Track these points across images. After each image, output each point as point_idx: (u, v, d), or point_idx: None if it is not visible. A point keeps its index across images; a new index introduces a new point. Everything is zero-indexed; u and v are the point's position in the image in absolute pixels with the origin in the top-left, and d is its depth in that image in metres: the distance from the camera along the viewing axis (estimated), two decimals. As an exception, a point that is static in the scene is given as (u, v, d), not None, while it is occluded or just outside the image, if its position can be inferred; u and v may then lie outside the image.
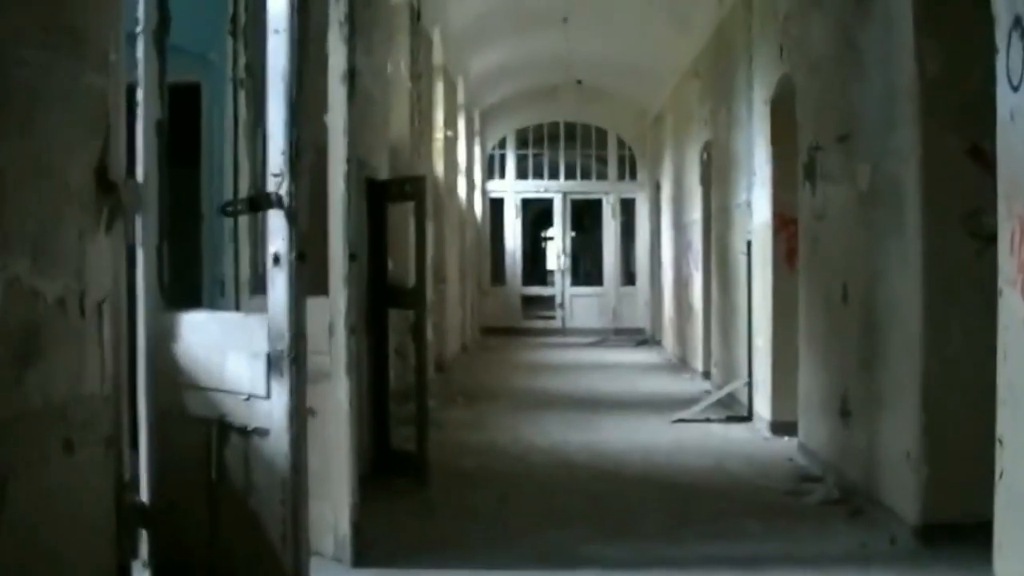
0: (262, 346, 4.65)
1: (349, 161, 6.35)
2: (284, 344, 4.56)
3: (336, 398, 6.41)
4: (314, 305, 6.58)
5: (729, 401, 13.40)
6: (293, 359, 4.57)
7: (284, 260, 4.46)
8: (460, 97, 21.78)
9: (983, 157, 6.63)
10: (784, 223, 11.27)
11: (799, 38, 10.08)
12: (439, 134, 17.95)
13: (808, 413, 9.97)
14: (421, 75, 14.50)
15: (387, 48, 12.08)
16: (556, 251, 27.93)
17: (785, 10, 10.61)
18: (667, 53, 19.36)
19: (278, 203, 4.38)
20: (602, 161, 27.82)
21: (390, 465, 9.19)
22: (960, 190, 6.77)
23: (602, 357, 21.62)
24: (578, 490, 9.01)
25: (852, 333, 8.38)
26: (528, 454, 10.63)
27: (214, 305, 7.65)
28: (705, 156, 16.59)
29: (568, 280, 27.72)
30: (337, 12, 6.05)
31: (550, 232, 28.56)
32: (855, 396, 8.34)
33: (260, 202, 4.50)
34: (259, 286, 7.40)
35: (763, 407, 11.90)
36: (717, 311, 15.31)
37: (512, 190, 27.69)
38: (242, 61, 7.33)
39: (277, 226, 4.47)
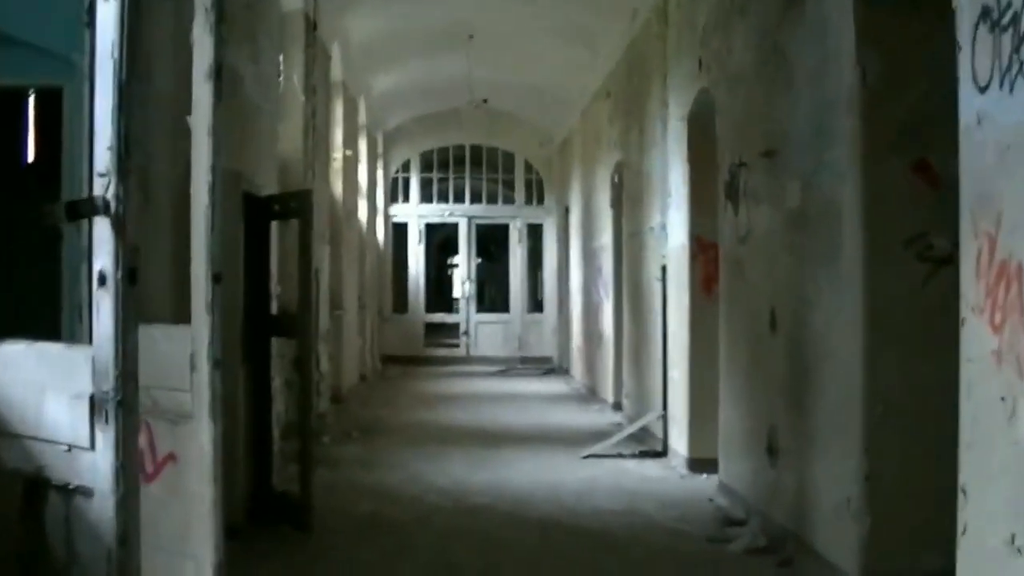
0: (85, 386, 3.80)
1: (214, 170, 5.47)
2: (109, 384, 3.70)
3: (198, 442, 5.53)
4: (175, 334, 5.74)
5: (642, 435, 12.71)
6: (119, 402, 3.72)
7: (110, 280, 3.61)
8: (362, 117, 20.94)
9: (929, 173, 6.00)
10: (702, 247, 10.65)
11: (719, 50, 9.44)
12: (337, 154, 17.10)
13: (729, 450, 9.29)
14: (316, 89, 13.67)
15: (276, 57, 11.23)
16: (461, 277, 27.11)
17: (704, 21, 9.99)
18: (576, 73, 18.72)
19: (103, 209, 3.54)
20: (509, 185, 27.14)
21: (271, 511, 8.31)
22: (905, 210, 6.11)
23: (508, 387, 20.85)
24: (479, 538, 8.17)
25: (779, 365, 7.71)
26: (426, 495, 9.79)
27: (74, 336, 6.75)
28: (616, 178, 15.96)
29: (473, 307, 26.96)
30: (203, -2, 5.20)
31: (456, 259, 27.67)
32: (783, 433, 7.66)
33: (80, 208, 3.65)
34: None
35: (679, 442, 11.22)
36: (629, 340, 14.63)
37: (416, 215, 26.89)
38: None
39: (102, 237, 3.62)
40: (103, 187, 3.55)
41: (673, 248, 11.45)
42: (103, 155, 3.57)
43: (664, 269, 11.87)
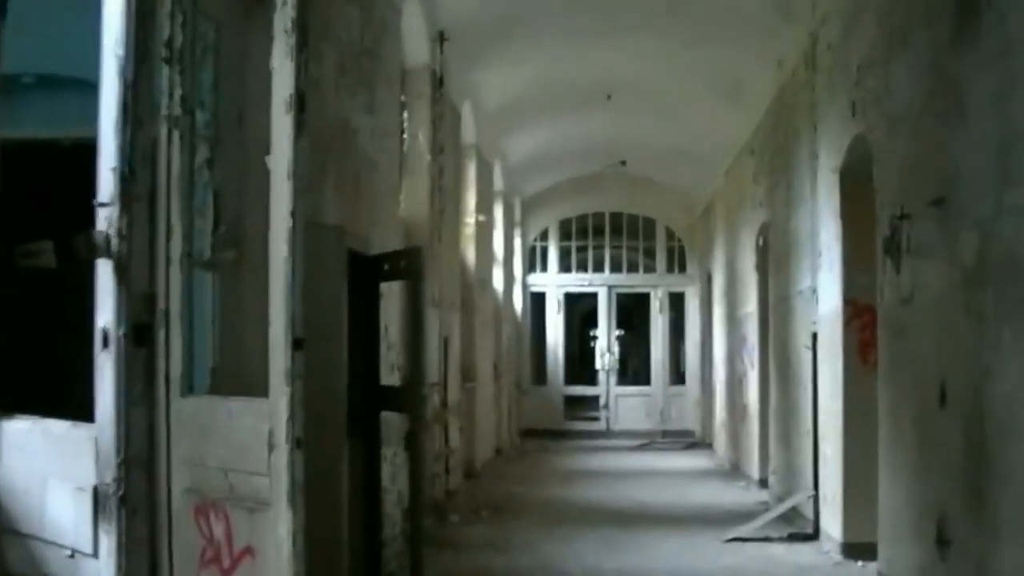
0: (89, 474, 3.07)
1: (294, 216, 4.81)
2: (111, 473, 2.96)
3: (276, 534, 4.81)
4: (253, 409, 5.06)
5: (791, 515, 11.67)
6: (122, 497, 2.97)
7: (112, 340, 2.88)
8: (497, 182, 20.39)
9: None
10: (857, 311, 9.68)
11: (877, 90, 8.51)
12: (470, 219, 16.50)
13: (891, 537, 8.24)
14: (444, 149, 13.07)
15: (397, 111, 10.64)
16: (601, 348, 26.23)
17: (859, 60, 9.08)
18: (719, 131, 17.87)
19: (104, 248, 2.82)
20: (649, 254, 26.27)
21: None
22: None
23: (648, 462, 19.84)
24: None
25: (953, 445, 6.68)
26: (554, 585, 8.95)
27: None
28: (761, 241, 15.01)
29: (614, 379, 26.05)
30: (283, 18, 4.54)
31: (597, 331, 26.84)
32: (957, 523, 6.62)
33: (76, 246, 2.93)
34: (191, 384, 5.89)
35: (833, 525, 10.16)
36: (776, 413, 13.60)
37: (554, 284, 26.17)
38: (178, 94, 5.87)
39: (104, 285, 2.90)
40: (106, 221, 2.84)
41: (824, 313, 10.49)
42: (106, 178, 2.87)
43: (814, 336, 10.89)
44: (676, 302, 26.23)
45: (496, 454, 19.54)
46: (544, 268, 26.28)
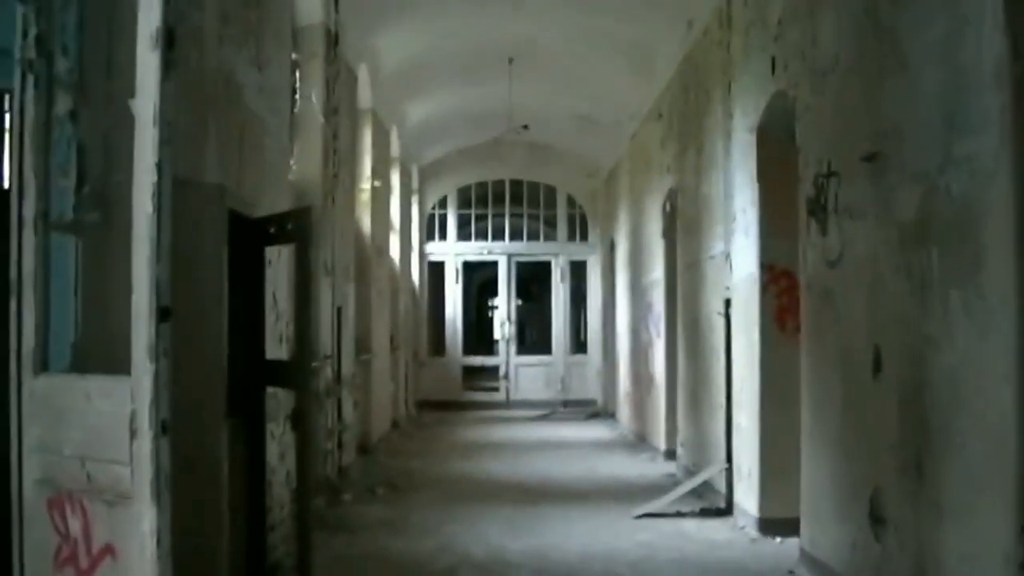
0: None
1: (161, 167, 4.20)
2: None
3: (139, 531, 4.18)
4: (113, 389, 4.44)
5: (702, 490, 11.26)
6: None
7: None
8: (394, 149, 19.69)
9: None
10: (774, 276, 9.29)
11: (801, 44, 8.05)
12: (365, 184, 15.81)
13: (815, 514, 7.83)
14: (338, 111, 12.37)
15: (288, 69, 9.93)
16: (500, 318, 25.70)
17: (780, 14, 8.61)
18: (624, 96, 17.39)
19: None
20: (550, 222, 25.77)
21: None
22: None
23: (550, 433, 19.37)
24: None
25: (887, 416, 6.26)
26: (458, 570, 8.37)
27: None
28: (668, 206, 14.57)
29: (513, 349, 25.51)
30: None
31: (497, 301, 26.27)
32: (894, 500, 6.20)
33: None
34: (45, 360, 5.23)
35: (748, 499, 9.77)
36: (685, 382, 13.18)
37: (453, 252, 25.52)
38: (33, 34, 5.18)
39: None
40: None
41: (739, 279, 10.06)
42: None
43: (728, 302, 10.47)
44: (578, 271, 25.78)
45: (393, 427, 18.91)
46: (443, 236, 25.64)
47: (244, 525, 6.91)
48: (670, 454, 14.41)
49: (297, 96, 11.51)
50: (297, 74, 11.56)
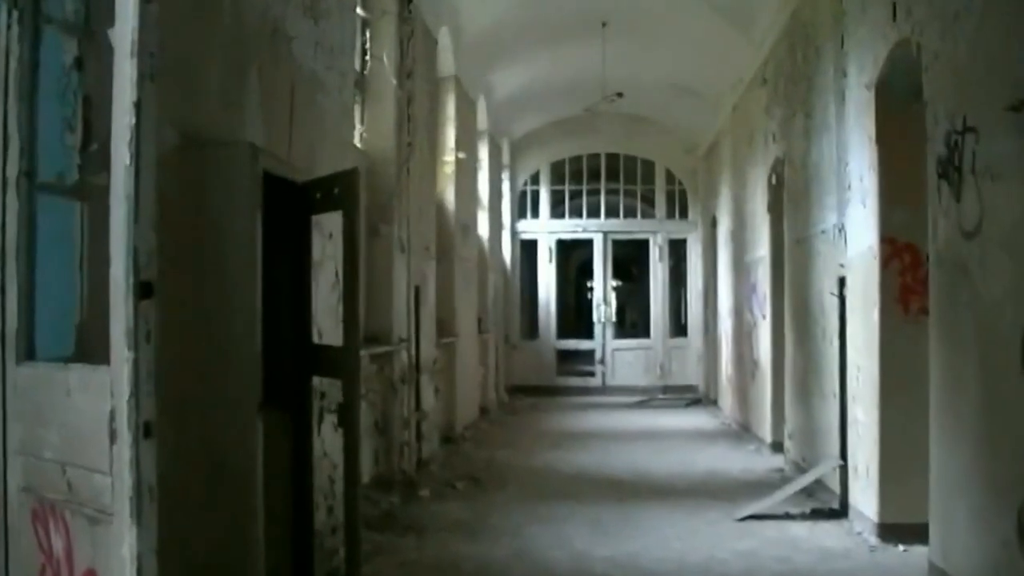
0: None
1: (140, 108, 3.36)
2: None
3: (118, 555, 3.37)
4: (93, 381, 3.64)
5: (813, 488, 10.22)
6: None
7: None
8: (482, 121, 18.80)
9: None
10: (896, 251, 8.20)
11: (929, -20, 6.96)
12: (448, 157, 14.92)
13: (948, 523, 6.76)
14: (412, 74, 11.47)
15: (351, 25, 9.05)
16: (596, 299, 24.69)
17: (903, -52, 7.51)
18: (725, 61, 16.25)
19: None
20: (648, 198, 24.69)
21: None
22: None
23: (647, 421, 18.36)
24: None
25: (1041, 415, 5.20)
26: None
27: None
28: (774, 179, 13.47)
29: (610, 332, 24.50)
30: None
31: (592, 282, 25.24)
32: (1049, 516, 5.14)
33: None
34: (31, 346, 4.43)
35: (865, 502, 8.71)
36: (793, 369, 12.10)
37: (546, 231, 24.55)
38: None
39: None
40: None
41: (855, 254, 8.97)
42: None
43: (842, 281, 9.39)
44: (677, 249, 24.77)
45: (481, 414, 18.07)
46: (535, 214, 24.68)
47: (285, 534, 6.08)
48: (776, 446, 13.34)
49: (367, 57, 10.65)
50: (367, 33, 10.71)
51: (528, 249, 24.81)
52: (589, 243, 24.76)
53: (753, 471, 12.39)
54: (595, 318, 24.66)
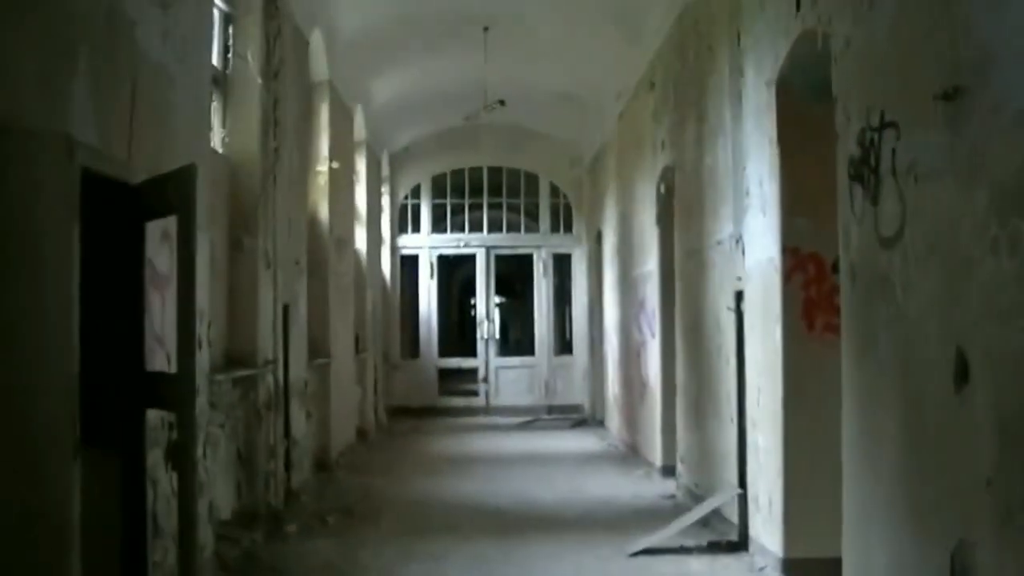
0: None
1: None
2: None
3: None
4: None
5: (708, 516, 9.56)
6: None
7: None
8: (359, 131, 17.95)
9: None
10: (800, 262, 7.60)
11: (837, -36, 6.34)
12: (321, 166, 14.06)
13: (865, 561, 6.09)
14: (279, 75, 10.58)
15: (205, 15, 8.14)
16: (479, 316, 23.95)
17: (807, -69, 6.89)
18: (611, 68, 15.68)
19: None
20: (531, 212, 24.03)
21: None
22: None
23: (532, 443, 17.64)
24: None
25: (979, 443, 4.55)
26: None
27: None
28: (663, 188, 12.87)
29: (493, 350, 23.77)
30: None
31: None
32: (991, 558, 4.49)
33: None
34: None
35: (768, 535, 8.08)
36: (686, 389, 11.48)
37: (427, 245, 23.75)
38: None
39: None
40: None
41: (754, 266, 8.35)
42: None
43: (739, 295, 8.77)
44: (561, 265, 24.12)
45: (359, 438, 17.16)
46: (416, 229, 23.86)
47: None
48: (668, 470, 12.72)
49: (229, 55, 9.78)
50: (230, 29, 9.84)
51: (409, 265, 23.98)
52: (472, 259, 24.03)
53: (644, 497, 11.74)
54: (478, 335, 23.94)
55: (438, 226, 23.98)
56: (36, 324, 4.24)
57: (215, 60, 9.57)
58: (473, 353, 24.13)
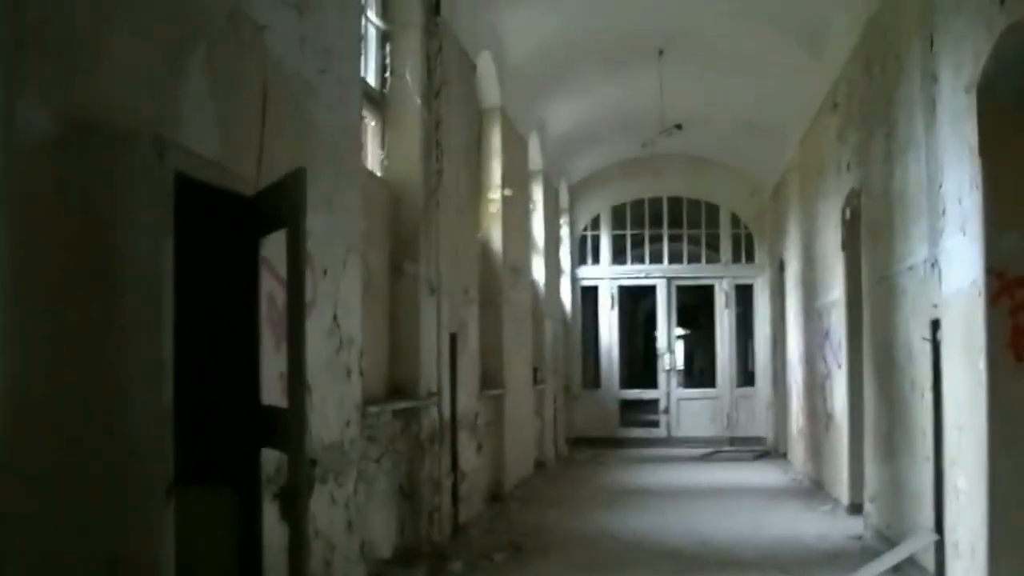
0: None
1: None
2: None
3: None
4: None
5: (901, 563, 8.84)
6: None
7: None
8: (535, 160, 17.69)
9: None
10: (1007, 286, 6.82)
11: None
12: (494, 194, 13.78)
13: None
14: (440, 94, 10.29)
15: (353, 24, 7.81)
16: (660, 347, 23.43)
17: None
18: (792, 90, 15.04)
19: None
20: (713, 243, 23.49)
21: None
22: None
23: (712, 476, 17.04)
24: None
25: None
26: None
27: None
28: (848, 213, 12.18)
29: (675, 381, 23.26)
30: None
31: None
32: None
33: None
34: None
35: (969, 585, 7.34)
36: (875, 424, 10.76)
37: (607, 276, 23.44)
38: None
39: None
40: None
41: (952, 292, 7.63)
42: None
43: (936, 324, 8.06)
44: (743, 295, 23.51)
45: (537, 469, 16.83)
46: (596, 260, 23.63)
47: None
48: (855, 508, 11.97)
49: (387, 74, 9.55)
50: (388, 47, 9.61)
51: (589, 296, 23.74)
52: (653, 291, 23.56)
53: (829, 537, 11.04)
54: (659, 366, 23.44)
55: (618, 257, 23.76)
56: (128, 351, 3.87)
57: (372, 79, 9.35)
58: (655, 384, 23.63)
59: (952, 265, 7.61)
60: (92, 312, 3.82)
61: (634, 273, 23.58)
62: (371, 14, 9.31)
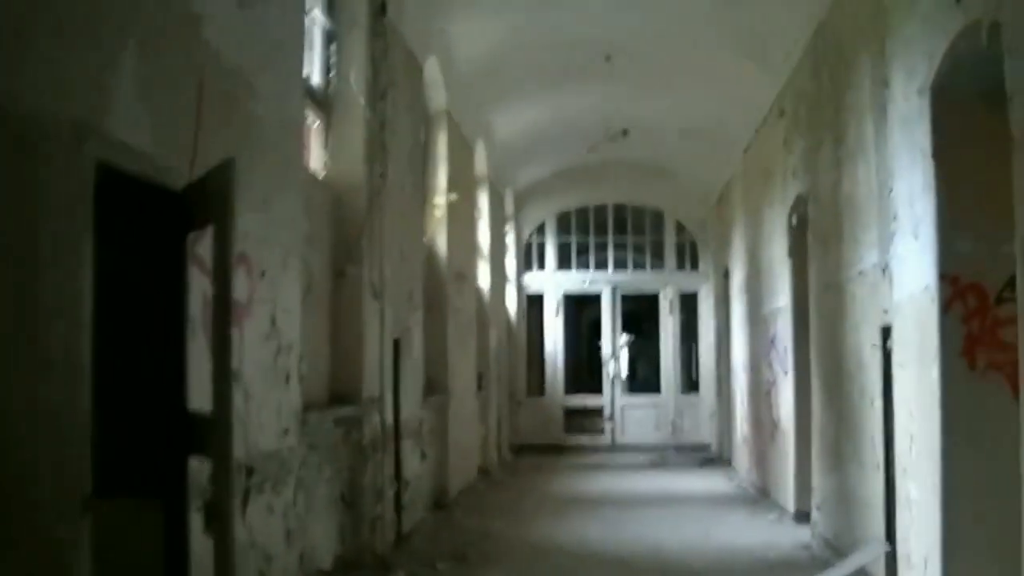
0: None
1: None
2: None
3: None
4: None
5: (851, 573, 8.74)
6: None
7: None
8: (481, 166, 17.52)
9: None
10: (960, 291, 6.73)
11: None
12: (439, 199, 13.59)
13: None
14: (386, 96, 10.07)
15: (294, 15, 7.57)
16: (605, 354, 23.36)
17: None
18: (738, 97, 14.96)
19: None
20: (657, 250, 23.45)
21: None
22: None
23: (658, 483, 16.96)
24: None
25: None
26: None
27: None
28: (794, 220, 12.11)
29: (619, 388, 23.23)
30: None
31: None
32: None
33: None
34: None
35: (922, 599, 7.22)
36: (823, 431, 10.69)
37: (552, 283, 23.34)
38: None
39: None
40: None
41: (905, 298, 7.54)
42: None
43: (887, 331, 7.97)
44: (688, 302, 23.55)
45: (481, 476, 16.65)
46: (541, 266, 23.53)
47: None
48: (801, 516, 11.92)
49: (332, 74, 9.34)
50: (332, 47, 9.40)
51: (535, 303, 23.67)
52: (598, 298, 23.49)
53: (777, 546, 10.94)
54: (604, 374, 23.38)
55: (563, 264, 23.68)
56: (44, 353, 3.61)
57: (316, 78, 9.13)
58: (600, 391, 23.56)
59: (904, 270, 7.52)
60: (3, 311, 3.57)
61: (579, 280, 23.52)
62: (317, 12, 9.09)
